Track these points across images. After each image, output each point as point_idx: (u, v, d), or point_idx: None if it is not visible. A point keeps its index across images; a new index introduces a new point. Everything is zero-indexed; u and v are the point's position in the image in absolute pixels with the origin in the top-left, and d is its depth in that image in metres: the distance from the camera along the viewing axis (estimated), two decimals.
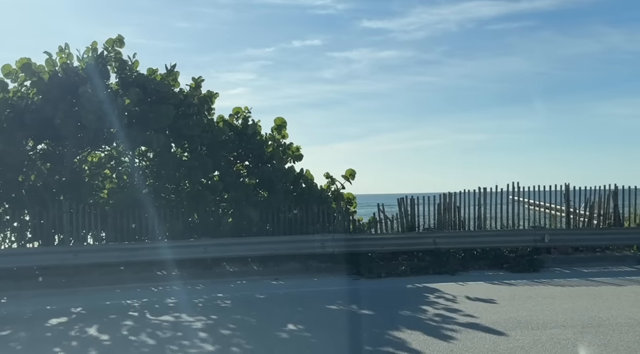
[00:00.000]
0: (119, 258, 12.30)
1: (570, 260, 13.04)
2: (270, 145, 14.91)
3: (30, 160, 13.90)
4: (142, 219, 13.32)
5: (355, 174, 15.09)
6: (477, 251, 13.21)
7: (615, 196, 14.63)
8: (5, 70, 13.50)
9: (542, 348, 6.40)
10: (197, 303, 9.85)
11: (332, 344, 6.93)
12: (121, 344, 7.29)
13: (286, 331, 7.63)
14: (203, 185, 14.06)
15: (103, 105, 13.01)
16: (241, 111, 14.98)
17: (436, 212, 14.26)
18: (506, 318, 7.85)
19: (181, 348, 6.98)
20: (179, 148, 14.62)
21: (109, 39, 13.98)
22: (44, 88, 13.22)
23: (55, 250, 12.59)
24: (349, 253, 12.70)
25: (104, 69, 13.78)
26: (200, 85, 14.77)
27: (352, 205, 14.95)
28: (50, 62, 13.51)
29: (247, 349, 6.91)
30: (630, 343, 6.54)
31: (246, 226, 13.77)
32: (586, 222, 14.63)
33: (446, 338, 6.96)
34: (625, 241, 13.78)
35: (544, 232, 13.42)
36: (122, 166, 14.77)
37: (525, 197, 14.71)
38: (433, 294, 9.99)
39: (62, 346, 7.29)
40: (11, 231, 13.32)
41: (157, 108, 13.58)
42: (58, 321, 8.70)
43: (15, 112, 13.05)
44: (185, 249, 12.62)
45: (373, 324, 7.83)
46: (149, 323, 8.33)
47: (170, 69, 14.45)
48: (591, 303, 8.77)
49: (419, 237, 13.41)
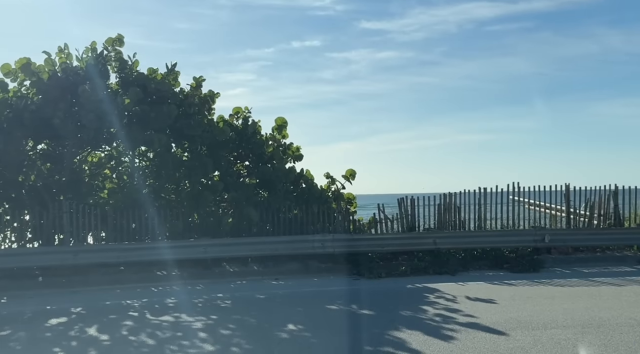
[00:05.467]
0: (119, 258, 12.31)
1: (571, 260, 13.05)
2: (271, 145, 14.90)
3: (30, 160, 13.89)
4: (142, 219, 13.31)
5: (356, 174, 15.11)
6: (477, 251, 13.21)
7: (615, 196, 14.63)
8: (4, 69, 13.47)
9: (542, 348, 6.39)
10: (197, 303, 9.84)
11: (332, 344, 6.92)
12: (121, 344, 7.28)
13: (286, 331, 7.62)
14: (203, 185, 14.05)
15: (103, 104, 13.00)
16: (241, 111, 14.97)
17: (436, 213, 14.26)
18: (506, 318, 7.85)
19: (181, 348, 6.98)
20: (179, 148, 14.61)
21: (109, 39, 13.94)
22: (44, 88, 13.20)
23: (55, 250, 12.59)
24: (349, 253, 12.72)
25: (104, 69, 13.74)
26: (201, 85, 14.73)
27: (352, 205, 14.95)
28: (50, 62, 13.47)
29: (247, 349, 6.90)
30: (631, 343, 6.53)
31: (246, 226, 13.76)
32: (586, 222, 14.62)
33: (446, 338, 6.96)
34: (626, 241, 13.77)
35: (544, 232, 13.42)
36: (122, 166, 14.76)
37: (525, 198, 14.71)
38: (433, 295, 9.98)
39: (62, 346, 7.28)
40: (11, 231, 13.31)
41: (159, 108, 13.55)
42: (58, 321, 8.70)
43: (15, 112, 13.02)
44: (185, 249, 12.61)
45: (373, 324, 7.82)
46: (148, 323, 8.33)
47: (170, 68, 14.42)
48: (591, 303, 8.77)
49: (419, 237, 13.40)
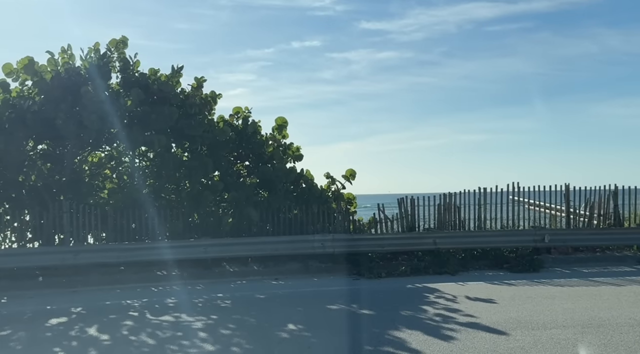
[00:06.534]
0: (119, 258, 12.31)
1: (570, 260, 13.05)
2: (271, 145, 14.90)
3: (31, 160, 13.89)
4: (142, 219, 13.32)
5: (356, 174, 15.10)
6: (477, 251, 13.22)
7: (615, 196, 14.63)
8: (6, 69, 13.47)
9: (542, 348, 6.40)
10: (197, 303, 9.85)
11: (332, 344, 6.92)
12: (121, 344, 7.29)
13: (286, 331, 7.63)
14: (203, 185, 14.05)
15: (105, 105, 12.99)
16: (241, 111, 14.97)
17: (436, 213, 14.27)
18: (506, 318, 7.85)
19: (181, 347, 6.98)
20: (179, 148, 14.61)
21: (113, 40, 13.95)
22: (46, 88, 13.19)
23: (55, 250, 12.59)
24: (349, 253, 12.72)
25: (106, 70, 13.73)
26: (202, 86, 14.71)
27: (352, 205, 14.95)
28: (53, 62, 13.46)
29: (247, 349, 6.91)
30: (631, 343, 6.54)
31: (246, 226, 13.77)
32: (586, 222, 14.63)
33: (446, 338, 6.96)
34: (625, 241, 13.78)
35: (544, 232, 13.42)
36: (122, 166, 14.76)
37: (525, 198, 14.71)
38: (433, 294, 9.99)
39: (62, 346, 7.29)
40: (11, 231, 13.32)
41: (160, 109, 13.55)
42: (58, 321, 8.71)
43: (17, 112, 13.02)
44: (185, 249, 12.62)
45: (373, 324, 7.83)
46: (149, 323, 8.33)
47: (177, 69, 14.39)
48: (591, 303, 8.77)
49: (419, 237, 13.40)
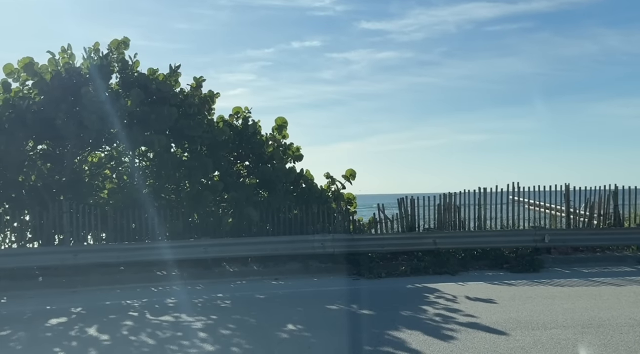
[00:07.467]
0: (119, 258, 12.31)
1: (570, 260, 13.05)
2: (271, 145, 14.90)
3: (31, 160, 13.89)
4: (142, 219, 13.32)
5: (356, 174, 15.10)
6: (477, 251, 13.22)
7: (615, 196, 14.63)
8: (7, 69, 13.47)
9: (542, 348, 6.40)
10: (197, 303, 9.85)
11: (332, 344, 6.92)
12: (121, 344, 7.29)
13: (286, 331, 7.63)
14: (203, 185, 14.05)
15: (105, 106, 12.98)
16: (241, 111, 14.97)
17: (436, 213, 14.27)
18: (506, 318, 7.85)
19: (181, 348, 6.98)
20: (179, 148, 14.61)
21: (114, 40, 13.95)
22: (46, 88, 13.19)
23: (55, 250, 12.60)
24: (349, 253, 12.72)
25: (107, 70, 13.73)
26: (201, 85, 14.73)
27: (352, 205, 14.95)
28: (53, 62, 13.46)
29: (247, 349, 6.91)
30: (630, 343, 6.54)
31: (246, 226, 13.77)
32: (586, 222, 14.63)
33: (446, 338, 6.96)
34: (625, 241, 13.79)
35: (544, 232, 13.42)
36: (122, 166, 14.76)
37: (525, 198, 14.71)
38: (433, 294, 9.99)
39: (62, 346, 7.29)
40: (11, 231, 13.32)
41: (160, 109, 13.54)
42: (58, 321, 8.71)
43: (17, 112, 13.02)
44: (185, 249, 12.62)
45: (373, 324, 7.83)
46: (149, 323, 8.33)
47: (174, 69, 14.40)
48: (591, 303, 8.77)
49: (419, 237, 13.40)
